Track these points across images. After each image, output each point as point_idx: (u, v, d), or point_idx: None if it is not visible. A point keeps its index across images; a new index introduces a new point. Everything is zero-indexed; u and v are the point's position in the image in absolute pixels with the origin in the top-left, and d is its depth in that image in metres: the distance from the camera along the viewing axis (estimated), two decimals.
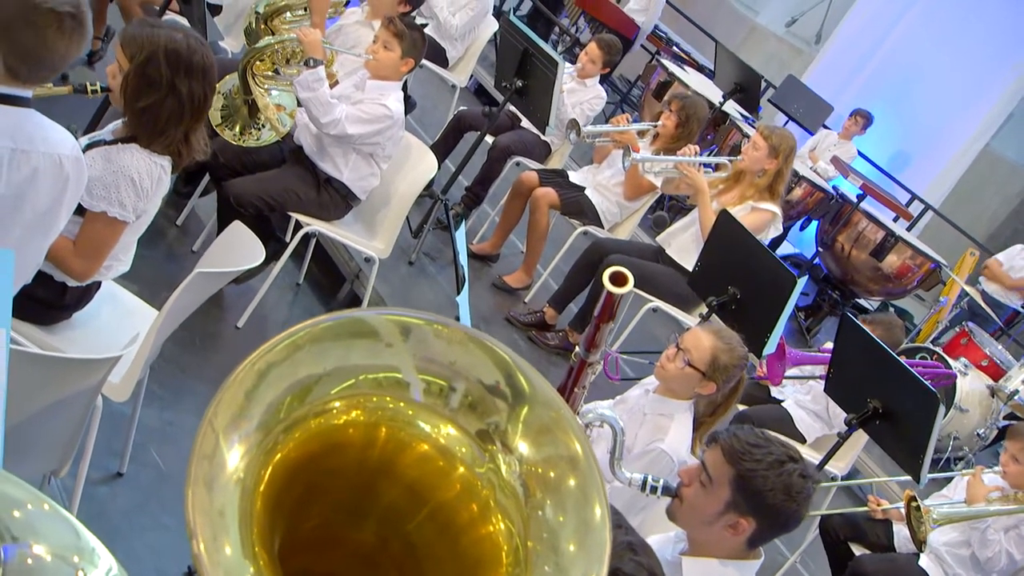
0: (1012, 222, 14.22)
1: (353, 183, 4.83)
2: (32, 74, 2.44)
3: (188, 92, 2.94)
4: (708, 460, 2.52)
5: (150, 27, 2.94)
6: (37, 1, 2.34)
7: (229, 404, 1.39)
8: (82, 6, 2.43)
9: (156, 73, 2.89)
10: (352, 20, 5.43)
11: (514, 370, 1.57)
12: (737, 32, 15.17)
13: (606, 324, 3.26)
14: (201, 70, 2.96)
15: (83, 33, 2.44)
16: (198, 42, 3.00)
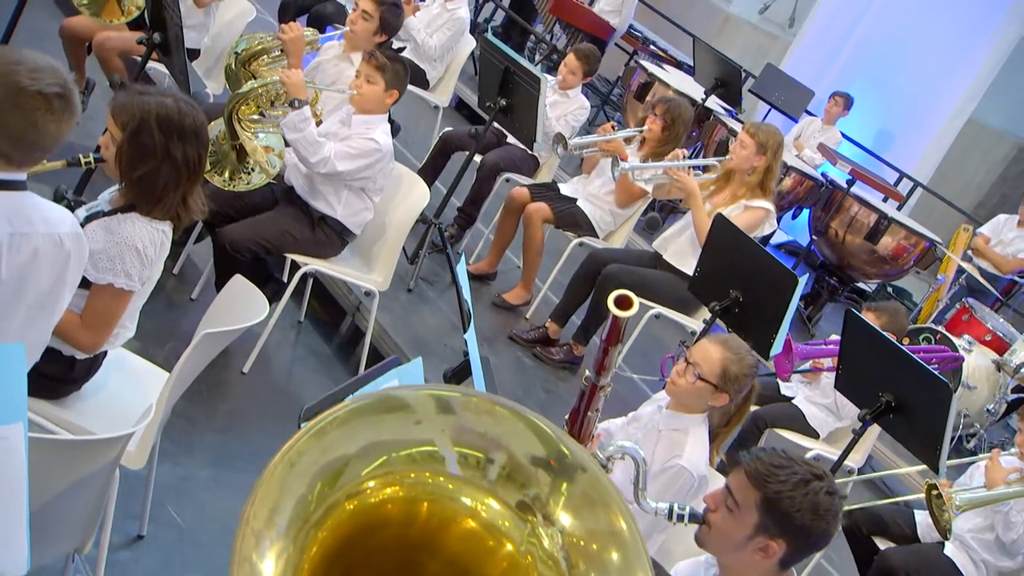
0: (999, 189, 14.25)
1: (347, 219, 4.82)
2: (25, 157, 2.43)
3: (183, 156, 2.94)
4: (733, 484, 2.51)
5: (139, 95, 2.93)
6: (24, 85, 2.33)
7: (264, 500, 1.38)
8: (68, 84, 2.42)
9: (150, 140, 2.89)
10: (330, 55, 5.42)
11: (553, 439, 1.55)
12: (711, 24, 15.18)
13: (614, 347, 3.25)
14: (194, 133, 2.96)
15: (72, 111, 2.43)
16: (188, 105, 2.99)
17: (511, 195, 6.43)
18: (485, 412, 1.57)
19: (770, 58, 13.99)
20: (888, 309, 5.31)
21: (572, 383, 6.02)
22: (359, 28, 5.29)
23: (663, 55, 11.39)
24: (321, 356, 5.37)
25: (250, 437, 4.44)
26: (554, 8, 10.11)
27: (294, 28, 5.12)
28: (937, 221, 12.12)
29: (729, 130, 8.79)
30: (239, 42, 5.44)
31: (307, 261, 4.78)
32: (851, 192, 8.65)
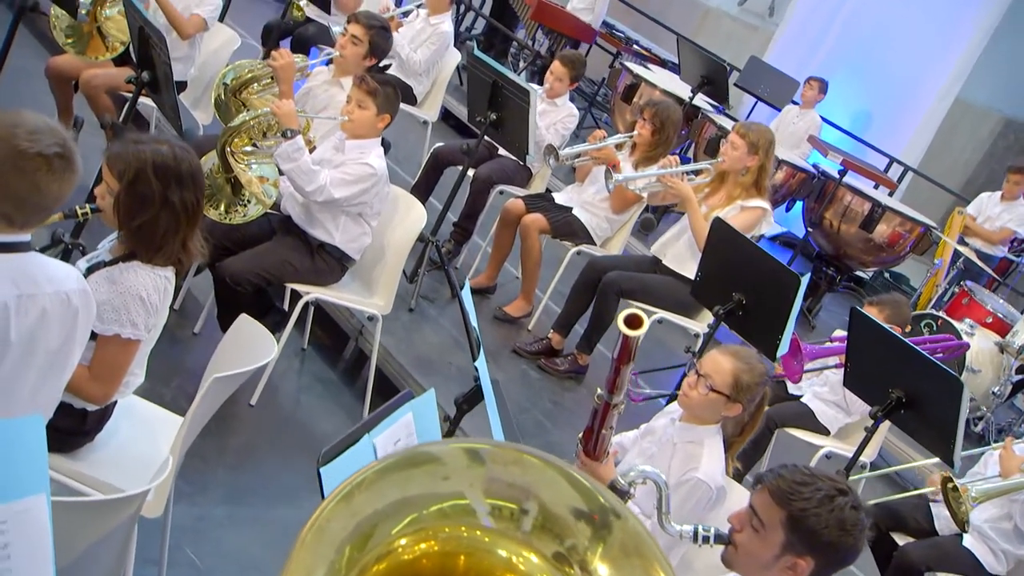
0: (986, 165, 14.28)
1: (346, 245, 4.81)
2: (28, 219, 2.42)
3: (181, 202, 2.93)
4: (757, 504, 2.50)
5: (134, 143, 2.93)
6: (24, 147, 2.32)
7: (296, 572, 1.37)
8: (68, 143, 2.41)
9: (147, 189, 2.88)
10: (320, 80, 5.41)
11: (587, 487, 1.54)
12: (691, 19, 15.18)
13: (626, 365, 3.24)
14: (190, 177, 2.95)
15: (74, 170, 2.42)
16: (183, 150, 2.98)
17: (506, 207, 6.42)
18: (514, 462, 1.55)
19: (752, 49, 13.99)
20: (891, 302, 5.31)
21: (579, 393, 6.02)
22: (349, 52, 5.27)
23: (647, 54, 11.39)
24: (327, 383, 5.35)
25: (263, 471, 4.43)
26: (535, 14, 10.10)
27: (284, 55, 5.10)
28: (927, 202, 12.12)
29: (718, 127, 8.79)
30: (227, 72, 5.42)
31: (309, 290, 4.77)
32: (844, 182, 8.66)
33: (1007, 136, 14.38)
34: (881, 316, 5.19)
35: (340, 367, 5.62)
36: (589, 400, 5.94)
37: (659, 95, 9.27)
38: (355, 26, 5.28)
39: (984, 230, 9.03)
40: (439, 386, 5.24)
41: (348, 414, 5.18)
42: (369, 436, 2.66)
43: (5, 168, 2.31)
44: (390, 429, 2.76)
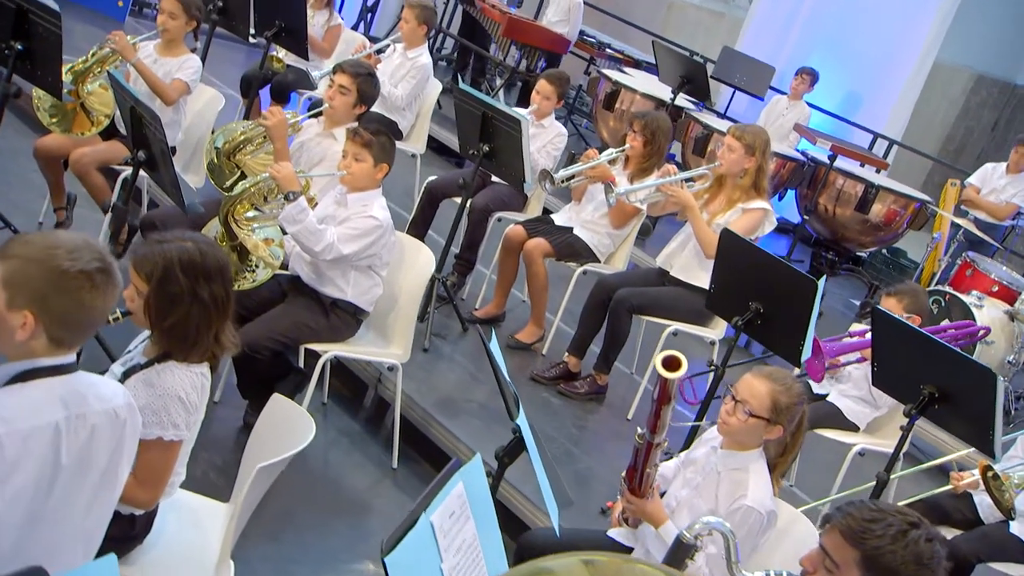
0: (962, 122, 14.35)
1: (358, 299, 4.78)
2: (76, 338, 2.39)
3: (210, 296, 2.91)
4: (828, 544, 2.48)
5: (158, 243, 2.90)
6: (65, 267, 2.29)
7: None
8: (107, 256, 2.38)
9: (176, 287, 2.86)
10: (312, 134, 5.38)
11: None
12: (656, 13, 15.19)
13: (667, 406, 3.25)
14: (218, 271, 2.93)
15: (115, 282, 2.39)
16: (208, 244, 2.96)
17: (508, 235, 6.40)
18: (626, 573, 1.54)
19: (722, 37, 14.01)
20: (908, 291, 5.29)
21: (601, 414, 6.00)
22: (338, 103, 5.25)
23: (621, 57, 11.37)
24: (352, 435, 5.32)
25: (304, 539, 4.39)
26: (507, 31, 10.07)
27: (276, 113, 5.08)
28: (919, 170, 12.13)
29: (703, 126, 8.78)
30: (217, 136, 5.40)
31: (327, 348, 4.74)
32: (834, 167, 8.65)
33: (979, 92, 14.44)
34: (900, 307, 5.18)
35: (362, 416, 5.59)
36: (613, 420, 5.98)
37: (640, 99, 9.27)
38: (342, 76, 5.25)
39: (988, 203, 9.03)
40: (464, 426, 5.28)
41: (377, 465, 5.15)
42: (426, 515, 2.63)
43: (49, 290, 2.29)
44: (444, 503, 2.74)
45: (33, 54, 5.06)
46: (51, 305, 2.30)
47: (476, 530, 2.85)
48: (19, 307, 2.29)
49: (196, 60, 5.83)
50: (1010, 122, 14.59)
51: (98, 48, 5.59)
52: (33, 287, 2.29)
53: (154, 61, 5.76)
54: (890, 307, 5.21)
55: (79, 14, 9.40)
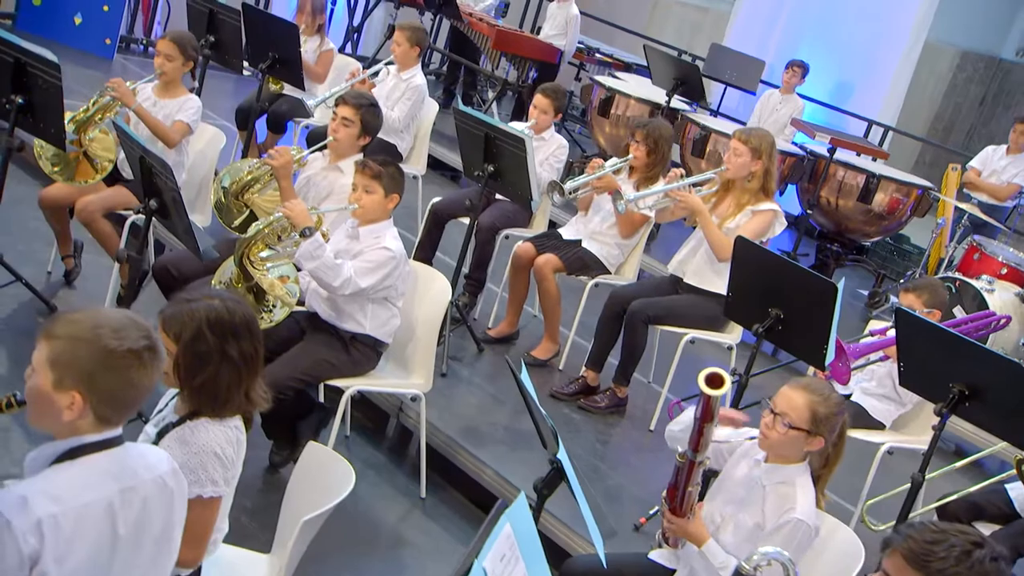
0: (950, 99, 14.38)
1: (377, 332, 4.76)
2: (122, 415, 2.38)
3: (240, 353, 2.89)
4: (891, 568, 2.46)
5: (186, 303, 2.88)
6: (112, 346, 2.27)
7: None
8: (151, 332, 2.37)
9: (205, 346, 2.84)
10: (318, 167, 5.35)
11: None
12: (641, 12, 15.20)
13: (709, 424, 3.24)
14: (246, 328, 2.91)
15: (161, 356, 2.37)
16: (234, 302, 2.94)
17: (517, 253, 6.38)
18: None
19: (708, 33, 14.02)
20: (926, 286, 5.29)
21: (623, 427, 5.98)
22: (342, 135, 5.22)
23: (610, 60, 11.36)
24: (378, 467, 5.30)
25: None
26: (497, 44, 10.05)
27: (282, 153, 5.06)
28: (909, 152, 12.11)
29: (701, 127, 8.77)
30: (223, 176, 5.38)
31: (349, 383, 4.72)
32: (834, 159, 8.64)
33: (965, 68, 14.47)
34: (919, 302, 5.18)
35: (385, 446, 5.57)
36: (635, 433, 5.96)
37: (635, 103, 9.26)
38: (344, 108, 5.23)
39: (990, 185, 9.03)
40: (491, 451, 5.26)
41: (406, 496, 5.13)
42: (479, 561, 2.61)
43: (98, 371, 2.27)
44: (494, 547, 2.72)
45: (34, 107, 5.06)
46: (99, 384, 2.28)
47: (526, 570, 2.83)
48: (67, 387, 2.27)
49: (196, 100, 5.81)
50: (997, 96, 14.63)
51: (98, 96, 5.56)
52: (81, 367, 2.27)
53: (153, 104, 5.74)
54: (909, 303, 5.20)
55: (69, 56, 9.32)
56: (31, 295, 5.62)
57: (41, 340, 2.32)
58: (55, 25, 10.00)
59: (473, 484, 5.22)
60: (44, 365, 2.29)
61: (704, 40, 13.97)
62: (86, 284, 6.07)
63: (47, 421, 2.34)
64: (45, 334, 2.31)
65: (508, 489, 5.08)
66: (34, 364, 2.32)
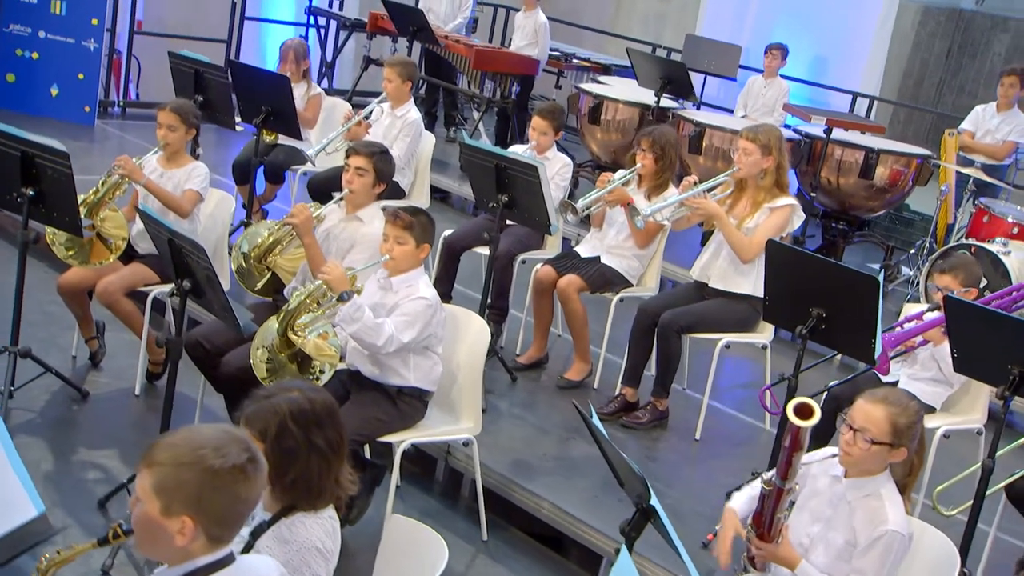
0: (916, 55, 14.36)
1: (422, 382, 4.71)
2: (233, 531, 2.33)
3: (326, 443, 2.84)
4: None
5: (266, 398, 2.83)
6: (217, 465, 2.22)
7: None
8: (251, 444, 2.32)
9: (292, 441, 2.79)
10: (336, 220, 5.29)
11: None
12: (606, 9, 15.14)
13: (798, 453, 3.20)
14: (328, 416, 2.86)
15: (263, 468, 2.33)
16: (313, 390, 2.90)
17: (538, 277, 6.35)
18: None
19: (675, 22, 14.00)
20: (960, 264, 5.26)
21: (670, 441, 5.94)
22: (357, 185, 5.16)
23: (589, 64, 11.31)
24: (433, 513, 5.24)
25: None
26: (477, 63, 10.01)
27: (302, 210, 5.01)
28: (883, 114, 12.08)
29: (695, 124, 8.74)
30: (241, 242, 5.33)
31: (401, 437, 4.66)
32: (831, 139, 8.62)
33: (928, 24, 14.46)
34: (956, 282, 5.15)
35: (437, 491, 5.53)
36: (682, 444, 5.93)
37: (623, 107, 9.23)
38: (356, 158, 5.17)
39: (986, 146, 9.03)
40: (545, 484, 5.22)
41: (467, 540, 5.08)
42: None
43: (205, 492, 2.22)
44: None
45: (46, 197, 4.99)
46: (207, 506, 2.23)
47: None
48: (175, 513, 2.22)
49: (203, 167, 5.76)
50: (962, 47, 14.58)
51: (106, 176, 5.49)
52: (187, 491, 2.22)
53: (160, 175, 5.68)
54: (946, 284, 5.18)
55: (51, 128, 9.23)
56: (61, 383, 5.56)
57: (142, 469, 2.26)
58: (32, 99, 9.93)
59: (532, 520, 5.18)
60: (150, 494, 2.24)
61: (671, 31, 13.97)
62: (113, 364, 6.00)
63: (158, 549, 2.29)
64: (146, 462, 2.26)
65: (568, 520, 5.05)
66: (138, 493, 2.27)
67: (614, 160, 9.47)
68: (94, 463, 5.08)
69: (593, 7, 14.86)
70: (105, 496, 4.74)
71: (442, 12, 11.17)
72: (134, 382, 5.77)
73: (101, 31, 10.03)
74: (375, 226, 5.14)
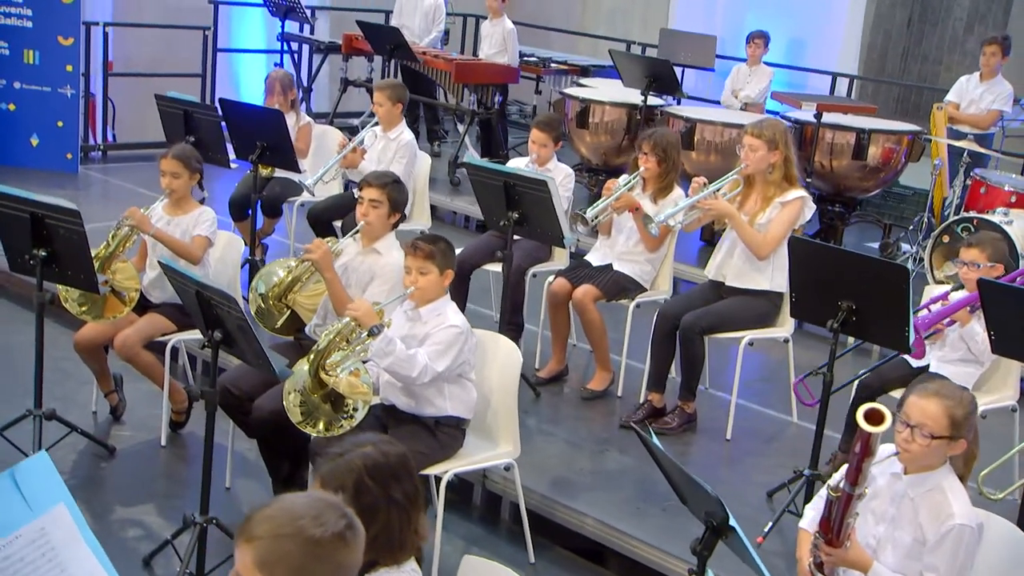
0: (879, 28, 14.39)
1: (458, 410, 4.67)
2: None
3: (404, 496, 2.79)
4: None
5: (339, 456, 2.77)
6: (318, 536, 2.17)
7: None
8: (347, 509, 2.27)
9: (370, 497, 2.73)
10: (353, 253, 5.23)
11: None
12: (572, 9, 15.12)
13: (868, 459, 3.18)
14: (403, 467, 2.81)
15: (361, 532, 2.28)
16: (385, 442, 2.85)
17: (552, 289, 6.32)
18: None
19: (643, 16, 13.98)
20: (987, 240, 5.25)
21: (701, 444, 5.93)
22: (373, 217, 5.11)
23: (567, 68, 11.29)
24: (476, 539, 5.21)
25: None
26: (458, 77, 9.99)
27: (320, 245, 4.96)
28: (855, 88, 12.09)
29: (685, 120, 8.72)
30: (257, 284, 5.26)
31: (444, 468, 4.62)
32: (821, 123, 8.62)
33: None
34: (983, 257, 5.15)
35: (476, 516, 5.48)
36: (713, 445, 5.90)
37: (610, 108, 9.21)
38: (370, 190, 5.12)
39: (971, 116, 9.07)
40: (587, 500, 5.18)
41: (515, 564, 4.93)
42: None
43: (308, 562, 2.17)
44: None
45: (59, 257, 4.92)
46: None
47: None
48: None
49: (210, 212, 5.70)
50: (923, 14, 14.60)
51: (116, 230, 5.43)
52: (290, 563, 2.17)
53: (167, 223, 5.61)
54: (972, 258, 5.17)
55: (35, 178, 9.21)
56: (86, 440, 5.50)
57: (241, 544, 2.21)
58: (13, 151, 9.86)
59: (577, 537, 5.14)
60: (251, 569, 2.19)
61: (638, 25, 13.96)
62: (134, 415, 5.94)
63: None
64: (244, 537, 2.21)
65: (613, 534, 5.02)
66: (239, 570, 2.22)
67: (604, 162, 9.46)
68: (132, 520, 5.02)
69: (559, 7, 14.85)
70: (150, 554, 4.69)
71: (416, 27, 11.13)
72: (158, 433, 5.71)
73: (77, 77, 9.95)
74: (394, 256, 5.11)
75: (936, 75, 13.93)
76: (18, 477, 2.50)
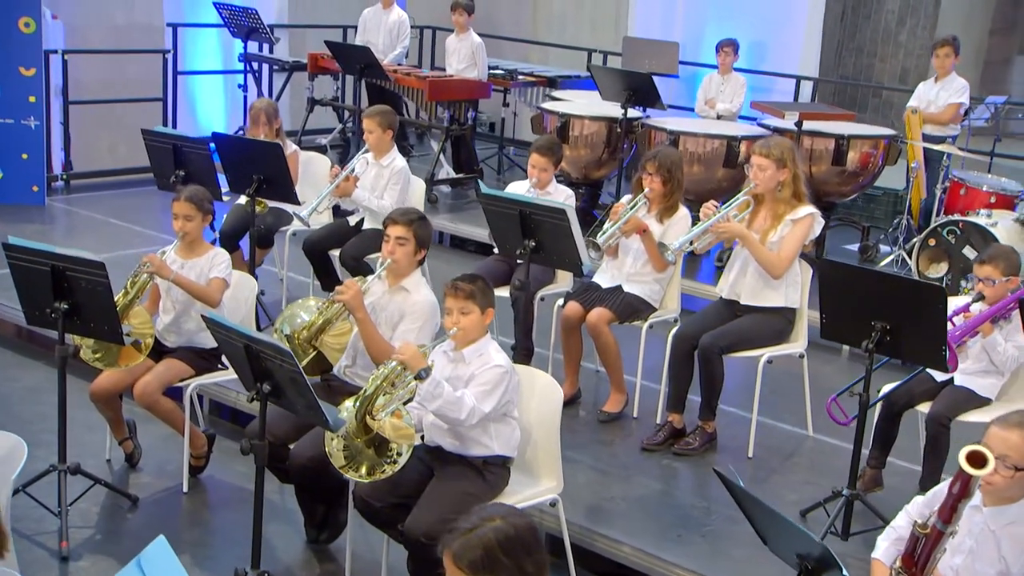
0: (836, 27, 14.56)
1: (504, 449, 4.63)
2: None
3: (535, 566, 2.74)
4: None
5: (470, 530, 2.71)
6: None
7: None
8: None
9: (504, 572, 2.69)
10: (380, 292, 5.15)
11: None
12: (523, 16, 15.07)
13: (965, 500, 3.20)
14: (532, 537, 2.76)
15: None
16: (513, 514, 2.79)
17: (565, 314, 6.30)
18: None
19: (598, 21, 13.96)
20: (1000, 254, 5.31)
21: (723, 463, 5.89)
22: (399, 255, 5.04)
23: (534, 79, 11.25)
24: None
25: None
26: (432, 95, 9.92)
27: (351, 286, 4.89)
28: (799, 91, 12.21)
29: (668, 132, 8.74)
30: (282, 326, 5.16)
31: None
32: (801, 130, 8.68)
33: None
34: (998, 272, 5.21)
35: None
36: (737, 465, 5.90)
37: (589, 122, 9.20)
38: (396, 227, 5.05)
39: (933, 115, 9.18)
40: (626, 528, 5.17)
41: None
42: None
43: None
44: None
45: (81, 309, 4.82)
46: None
47: None
48: None
49: (224, 254, 5.61)
50: (856, 7, 14.80)
51: (134, 277, 5.31)
52: None
53: (181, 267, 5.50)
54: (987, 274, 5.22)
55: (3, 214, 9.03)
56: (106, 491, 5.38)
57: None
58: None
59: (619, 567, 5.12)
60: None
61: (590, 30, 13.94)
62: (150, 461, 5.83)
63: None
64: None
65: (654, 563, 5.00)
66: None
67: (585, 176, 9.46)
68: None
69: (509, 15, 14.79)
70: None
71: (380, 44, 11.04)
72: (179, 479, 5.60)
73: (40, 107, 9.74)
74: (423, 294, 5.07)
75: (871, 68, 14.11)
76: (144, 564, 2.54)
